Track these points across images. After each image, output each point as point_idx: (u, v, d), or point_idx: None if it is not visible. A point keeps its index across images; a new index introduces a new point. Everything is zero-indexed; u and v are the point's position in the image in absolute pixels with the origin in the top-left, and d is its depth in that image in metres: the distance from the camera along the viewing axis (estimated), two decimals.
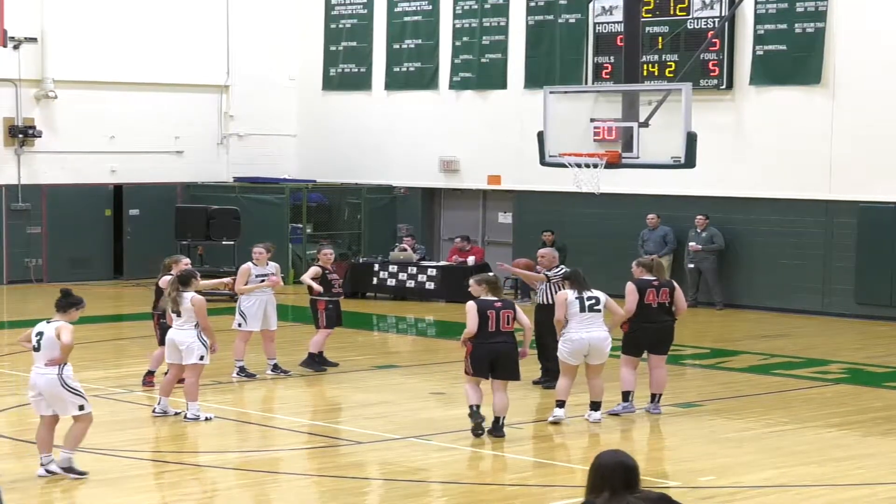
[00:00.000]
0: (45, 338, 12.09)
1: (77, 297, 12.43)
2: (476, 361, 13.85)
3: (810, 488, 12.29)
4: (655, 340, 15.42)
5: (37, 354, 12.18)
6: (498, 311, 13.75)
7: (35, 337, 12.21)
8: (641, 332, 15.31)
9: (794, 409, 16.06)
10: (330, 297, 18.17)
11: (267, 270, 17.95)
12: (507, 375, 13.99)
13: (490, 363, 13.86)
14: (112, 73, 28.94)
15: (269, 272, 17.98)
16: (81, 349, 19.66)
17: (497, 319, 13.73)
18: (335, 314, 18.22)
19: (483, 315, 13.72)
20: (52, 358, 12.03)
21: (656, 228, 25.74)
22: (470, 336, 13.81)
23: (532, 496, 12.28)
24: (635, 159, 18.05)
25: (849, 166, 23.95)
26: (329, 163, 30.61)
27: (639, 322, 15.27)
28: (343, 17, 30.35)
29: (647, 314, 15.27)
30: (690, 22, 25.13)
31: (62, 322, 12.14)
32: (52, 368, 12.05)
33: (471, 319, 13.77)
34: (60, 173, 28.66)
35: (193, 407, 14.87)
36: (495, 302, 13.84)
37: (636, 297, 15.24)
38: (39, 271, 28.50)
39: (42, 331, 12.17)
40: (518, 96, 27.58)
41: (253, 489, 12.36)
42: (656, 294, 15.36)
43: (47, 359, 12.05)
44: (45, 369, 12.07)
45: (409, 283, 26.27)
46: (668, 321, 15.48)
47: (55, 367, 12.05)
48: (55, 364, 12.05)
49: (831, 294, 24.41)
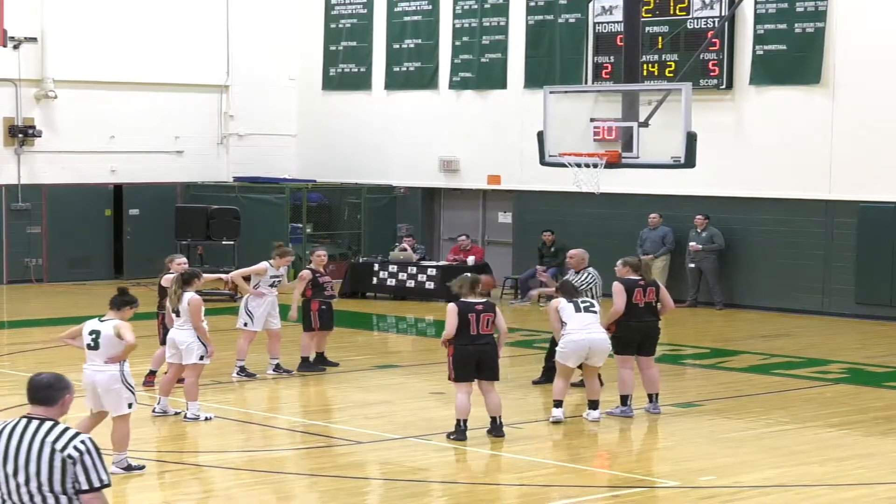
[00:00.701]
0: (104, 336, 12.32)
1: (132, 296, 12.63)
2: (459, 364, 13.87)
3: (810, 488, 12.30)
4: (641, 340, 15.43)
5: (93, 353, 12.40)
6: (479, 314, 13.78)
7: (90, 335, 12.42)
8: (629, 331, 15.34)
9: (794, 408, 16.05)
10: (323, 299, 18.13)
11: (280, 273, 17.90)
12: (492, 376, 14.03)
13: (476, 365, 13.88)
14: (112, 72, 28.94)
15: (282, 274, 17.93)
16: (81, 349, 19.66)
17: (478, 322, 13.77)
18: (328, 316, 18.17)
19: (464, 318, 13.77)
20: (111, 355, 12.28)
21: (656, 228, 25.73)
22: (449, 337, 13.84)
23: (531, 496, 12.28)
24: (635, 159, 18.04)
25: (849, 166, 23.95)
26: (329, 162, 30.61)
27: (626, 321, 15.29)
28: (343, 17, 30.34)
29: (634, 314, 15.29)
30: (690, 22, 25.13)
31: (119, 321, 12.36)
32: (113, 365, 12.29)
33: (450, 321, 13.82)
34: (60, 173, 28.66)
35: (193, 406, 14.88)
36: (476, 305, 13.87)
37: (625, 296, 15.27)
38: (39, 271, 28.50)
39: (98, 329, 12.38)
40: (518, 96, 27.58)
41: (253, 489, 12.37)
42: (643, 293, 15.39)
43: (107, 356, 12.29)
44: (105, 366, 12.31)
45: (409, 282, 26.27)
46: (653, 321, 15.52)
47: (115, 364, 12.28)
48: (116, 361, 12.30)
49: (831, 294, 24.40)
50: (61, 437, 6.74)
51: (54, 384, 6.91)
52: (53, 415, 6.86)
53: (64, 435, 6.75)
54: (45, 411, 6.86)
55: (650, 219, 25.70)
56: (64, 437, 6.74)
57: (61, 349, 16.17)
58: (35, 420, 6.82)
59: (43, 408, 6.87)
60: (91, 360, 12.44)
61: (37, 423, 6.80)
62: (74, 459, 6.71)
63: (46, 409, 6.87)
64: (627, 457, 14.02)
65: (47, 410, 6.87)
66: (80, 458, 6.72)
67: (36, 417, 6.84)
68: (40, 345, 20.09)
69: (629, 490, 12.24)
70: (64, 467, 6.70)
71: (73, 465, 6.71)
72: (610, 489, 12.44)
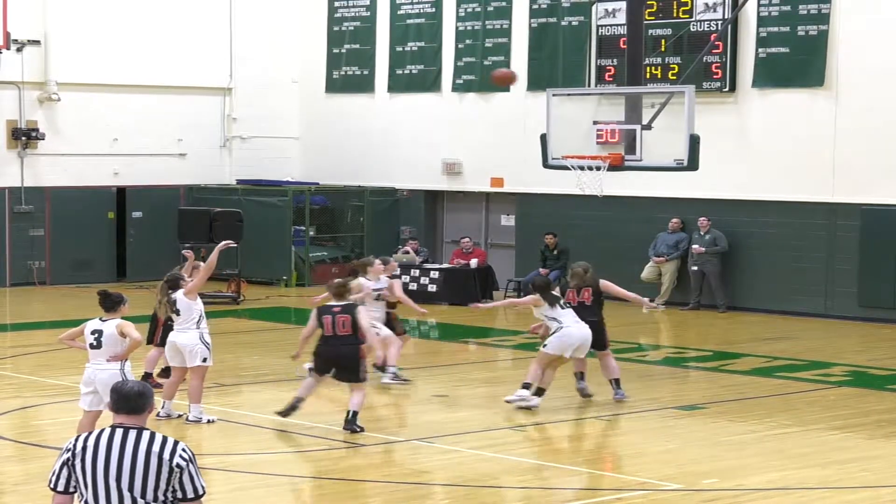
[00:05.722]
0: (106, 335, 12.41)
1: (118, 295, 12.74)
2: (317, 359, 14.58)
3: (813, 491, 12.29)
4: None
5: (95, 352, 12.49)
6: (334, 316, 14.42)
7: (92, 335, 12.51)
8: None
9: (797, 411, 16.05)
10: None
11: (381, 284, 17.62)
12: (347, 378, 14.52)
13: (332, 365, 14.47)
14: (115, 75, 28.94)
15: (384, 286, 17.71)
16: (84, 352, 19.66)
17: (333, 324, 14.39)
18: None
19: (320, 320, 14.46)
20: (115, 354, 12.37)
21: (674, 232, 25.68)
22: (304, 337, 14.67)
23: (534, 499, 12.28)
24: (638, 162, 18.06)
25: (852, 168, 23.94)
26: (332, 165, 30.61)
27: None
28: (346, 20, 30.35)
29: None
30: (693, 24, 25.12)
31: (120, 320, 12.48)
32: (115, 364, 12.37)
33: (309, 323, 14.65)
34: (63, 176, 28.67)
35: (196, 409, 14.87)
36: (334, 307, 14.50)
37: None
38: (42, 274, 28.50)
39: (101, 328, 12.47)
40: (521, 99, 27.56)
41: (255, 492, 12.37)
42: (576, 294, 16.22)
43: (110, 355, 12.38)
44: (107, 365, 12.38)
45: (412, 285, 26.24)
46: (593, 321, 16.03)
47: (118, 362, 12.37)
48: (119, 360, 12.38)
49: (834, 296, 24.39)
50: (165, 446, 6.71)
51: (145, 392, 6.87)
52: (142, 423, 6.81)
53: (167, 444, 6.73)
54: (137, 420, 6.80)
55: (671, 223, 25.67)
56: (167, 445, 6.72)
57: (63, 352, 16.20)
58: (132, 430, 6.75)
59: (134, 416, 6.80)
60: (94, 359, 12.52)
61: (135, 432, 6.74)
62: (182, 468, 6.72)
63: (137, 417, 6.81)
64: (630, 459, 14.02)
65: (138, 419, 6.81)
66: (187, 467, 6.73)
67: (130, 427, 6.77)
68: (43, 347, 20.09)
69: (632, 493, 12.24)
70: (170, 476, 6.69)
71: (179, 473, 6.71)
72: (613, 492, 12.44)
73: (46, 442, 13.89)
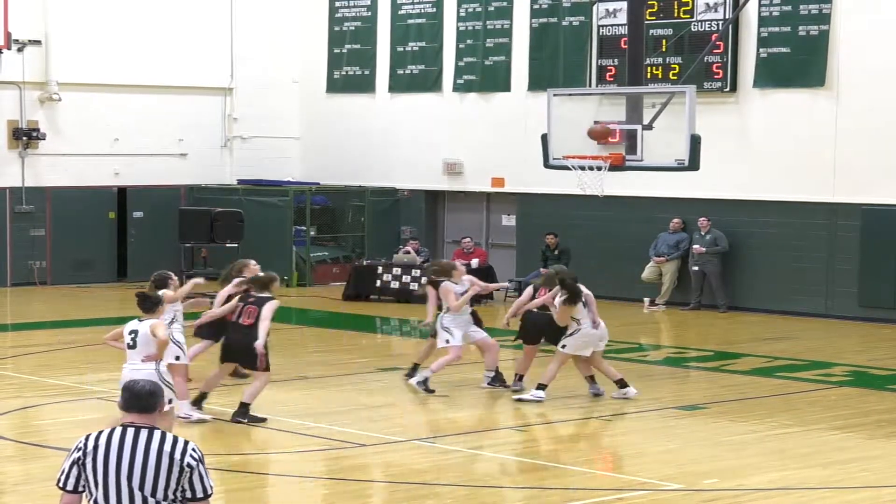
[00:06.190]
0: (141, 335, 12.47)
1: (157, 296, 12.95)
2: (223, 347, 15.16)
3: (814, 491, 12.29)
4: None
5: (132, 352, 12.53)
6: (244, 306, 14.86)
7: (129, 335, 12.57)
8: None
9: (797, 411, 16.05)
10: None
11: (465, 286, 17.40)
12: (245, 363, 15.19)
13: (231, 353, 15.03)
14: (116, 75, 28.95)
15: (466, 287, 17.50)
16: (85, 351, 19.68)
17: (240, 314, 14.86)
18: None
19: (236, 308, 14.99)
20: (149, 354, 12.42)
21: (675, 233, 25.67)
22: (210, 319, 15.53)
23: (535, 499, 12.27)
24: (639, 162, 18.04)
25: (852, 168, 23.94)
26: (332, 165, 30.61)
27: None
28: (347, 20, 30.35)
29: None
30: (694, 24, 25.12)
31: (155, 320, 12.56)
32: (150, 364, 12.40)
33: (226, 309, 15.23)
34: (64, 176, 28.67)
35: (184, 406, 14.84)
36: (249, 298, 15.00)
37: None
38: (43, 274, 28.51)
39: (137, 329, 12.54)
40: (522, 99, 27.57)
41: (256, 491, 12.36)
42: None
43: (144, 355, 12.43)
44: (142, 365, 12.40)
45: (413, 285, 26.23)
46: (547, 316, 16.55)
47: (152, 362, 12.41)
48: (152, 360, 12.42)
49: (835, 297, 24.38)
50: (175, 445, 6.71)
51: (156, 392, 6.85)
52: (153, 422, 6.79)
53: (178, 444, 6.72)
54: (148, 419, 6.78)
55: (672, 223, 25.66)
56: (178, 445, 6.71)
57: (64, 352, 16.25)
58: (143, 429, 6.74)
59: (145, 416, 6.79)
60: (130, 359, 12.57)
61: (146, 432, 6.73)
62: (192, 468, 6.72)
63: (148, 416, 6.79)
64: (631, 459, 14.01)
65: (149, 418, 6.79)
66: (197, 467, 6.74)
67: (141, 426, 6.76)
68: (44, 347, 20.09)
69: (633, 493, 12.23)
70: (181, 475, 6.69)
71: (189, 473, 6.72)
72: (613, 492, 12.43)
73: (47, 442, 13.89)
